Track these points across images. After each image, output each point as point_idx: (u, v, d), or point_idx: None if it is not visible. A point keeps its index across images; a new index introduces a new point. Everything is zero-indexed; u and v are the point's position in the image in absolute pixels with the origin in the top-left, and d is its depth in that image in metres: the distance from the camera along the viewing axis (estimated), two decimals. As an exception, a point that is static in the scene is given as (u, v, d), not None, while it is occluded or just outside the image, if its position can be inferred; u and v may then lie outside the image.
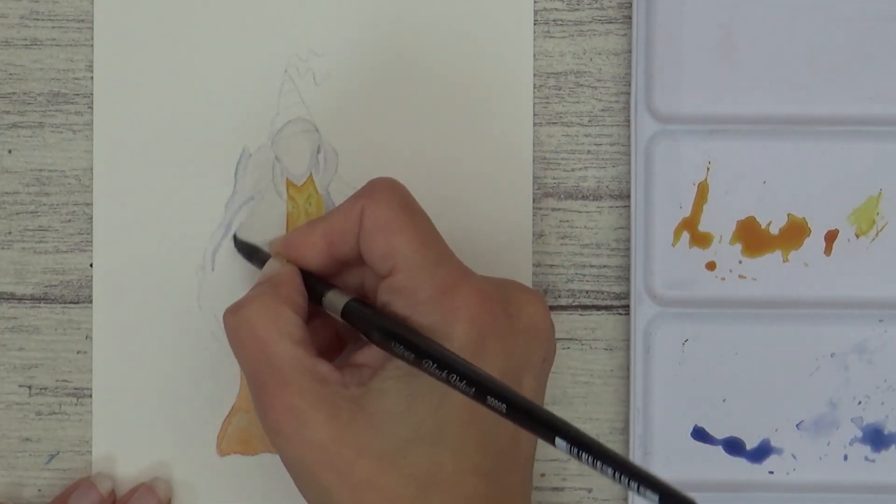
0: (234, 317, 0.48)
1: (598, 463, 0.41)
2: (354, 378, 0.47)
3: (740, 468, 0.56)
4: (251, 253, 0.55)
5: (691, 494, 0.40)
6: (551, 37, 0.56)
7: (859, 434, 0.56)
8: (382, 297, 0.48)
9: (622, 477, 0.41)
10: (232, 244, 0.56)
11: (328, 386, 0.47)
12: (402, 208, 0.48)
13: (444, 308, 0.47)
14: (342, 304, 0.49)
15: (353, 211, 0.49)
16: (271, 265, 0.51)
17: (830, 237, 0.56)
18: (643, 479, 0.40)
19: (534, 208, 0.56)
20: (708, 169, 0.56)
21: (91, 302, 0.56)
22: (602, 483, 0.56)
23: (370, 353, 0.48)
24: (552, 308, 0.56)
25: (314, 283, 0.50)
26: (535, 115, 0.56)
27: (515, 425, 0.44)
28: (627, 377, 0.56)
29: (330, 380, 0.47)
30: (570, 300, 0.56)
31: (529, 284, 0.56)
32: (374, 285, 0.49)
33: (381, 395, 0.47)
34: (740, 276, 0.56)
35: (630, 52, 0.56)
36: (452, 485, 0.46)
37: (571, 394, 0.56)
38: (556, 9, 0.56)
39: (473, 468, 0.46)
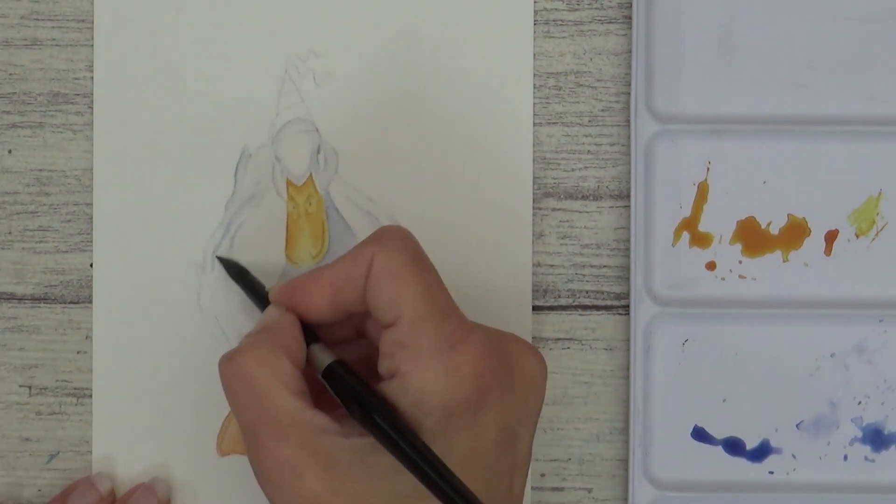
0: (230, 365, 0.48)
1: None
2: (356, 429, 0.47)
3: (740, 468, 0.56)
4: (239, 274, 0.54)
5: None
6: (551, 37, 0.56)
7: (859, 434, 0.56)
8: (385, 348, 0.48)
9: None
10: (217, 263, 0.55)
11: (327, 436, 0.46)
12: (412, 258, 0.48)
13: (448, 364, 0.47)
14: (324, 364, 0.48)
15: (363, 257, 0.48)
16: (270, 313, 0.50)
17: (830, 237, 0.56)
18: None
19: (534, 208, 0.56)
20: (708, 169, 0.56)
21: (91, 302, 0.56)
22: (602, 483, 0.56)
23: None
24: (552, 308, 0.56)
25: (306, 334, 0.50)
26: (535, 115, 0.56)
27: None
28: (627, 377, 0.56)
29: (328, 430, 0.47)
30: (570, 300, 0.56)
31: (529, 285, 0.56)
32: (375, 332, 0.49)
33: (381, 451, 0.46)
34: (740, 276, 0.56)
35: (630, 52, 0.56)
36: None
37: (571, 394, 0.56)
38: (556, 9, 0.56)
39: None
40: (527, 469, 0.50)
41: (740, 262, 0.56)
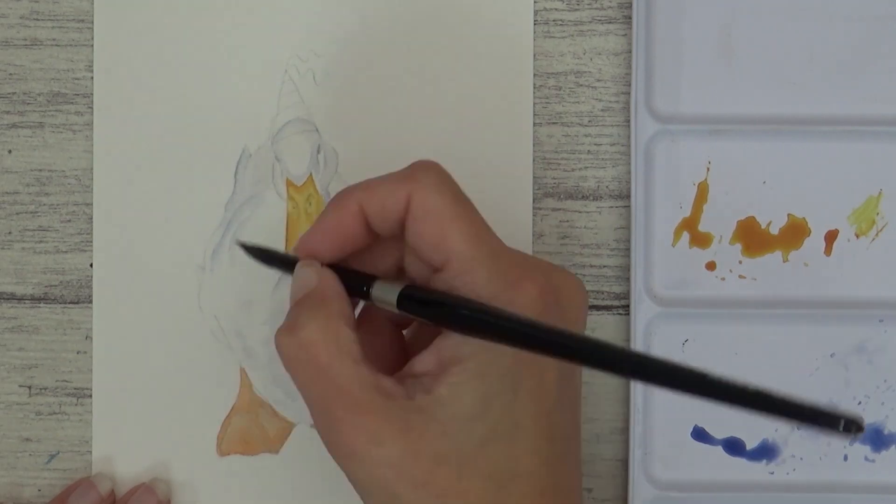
0: (291, 340, 0.46)
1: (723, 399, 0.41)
2: (417, 388, 0.46)
3: (740, 468, 0.56)
4: (268, 257, 0.51)
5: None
6: (551, 37, 0.56)
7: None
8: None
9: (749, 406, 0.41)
10: (242, 251, 0.53)
11: (395, 400, 0.46)
12: (452, 196, 0.47)
13: (510, 304, 0.46)
14: (395, 296, 0.47)
15: (398, 193, 0.47)
16: (304, 275, 0.48)
17: (830, 237, 0.56)
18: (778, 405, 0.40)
19: (534, 208, 0.56)
20: (708, 169, 0.56)
21: (91, 302, 0.56)
22: (602, 483, 0.56)
23: (427, 360, 0.47)
24: (552, 308, 0.56)
25: (353, 280, 0.48)
26: (535, 115, 0.56)
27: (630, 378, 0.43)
28: (627, 377, 0.56)
29: (395, 394, 0.46)
30: (570, 300, 0.56)
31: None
32: (418, 271, 0.48)
33: (452, 401, 0.45)
34: (740, 276, 0.56)
35: (630, 52, 0.56)
36: (528, 478, 0.46)
37: (571, 394, 0.56)
38: (556, 9, 0.56)
39: (545, 459, 0.46)
40: (581, 400, 0.50)
41: (740, 262, 0.56)
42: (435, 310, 0.46)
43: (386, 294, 0.47)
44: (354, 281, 0.48)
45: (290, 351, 0.47)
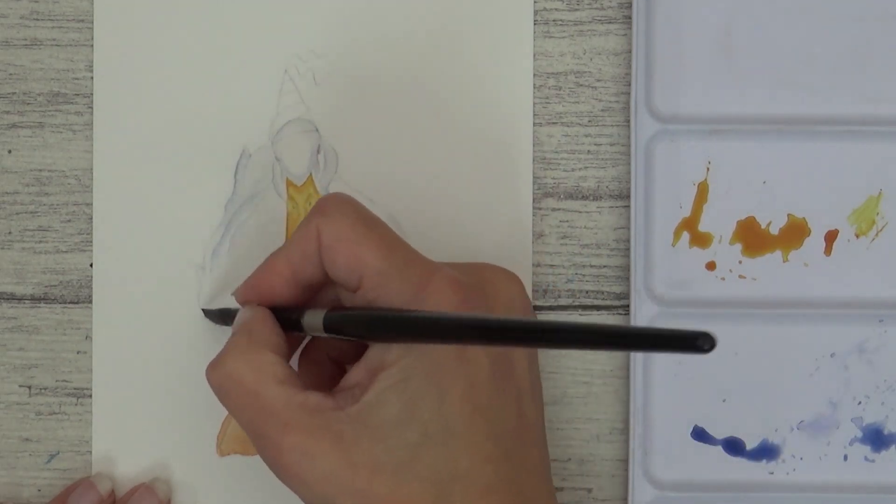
0: (216, 372, 0.48)
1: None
2: (348, 399, 0.47)
3: (740, 468, 0.56)
4: (224, 316, 0.54)
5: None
6: (551, 37, 0.56)
7: (859, 434, 0.56)
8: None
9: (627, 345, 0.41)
10: (204, 316, 0.56)
11: (324, 413, 0.47)
12: (357, 219, 0.48)
13: (422, 306, 0.47)
14: (321, 319, 0.48)
15: (309, 231, 0.48)
16: (240, 314, 0.50)
17: (830, 237, 0.56)
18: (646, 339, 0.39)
19: (534, 208, 0.56)
20: (708, 169, 0.56)
21: (91, 302, 0.56)
22: (602, 483, 0.56)
23: (358, 372, 0.48)
24: (552, 308, 0.56)
25: (289, 315, 0.50)
26: (535, 115, 0.56)
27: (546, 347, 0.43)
28: (627, 377, 0.56)
29: (324, 407, 0.47)
30: (570, 300, 0.56)
31: (530, 284, 0.56)
32: (349, 300, 0.49)
33: (379, 407, 0.46)
34: (740, 276, 0.56)
35: (630, 52, 0.56)
36: (471, 478, 0.46)
37: (571, 394, 0.56)
38: (556, 9, 0.56)
39: (487, 457, 0.46)
40: (537, 394, 0.50)
41: (740, 262, 0.56)
42: (354, 325, 0.47)
43: (314, 321, 0.49)
44: (290, 316, 0.50)
45: (217, 382, 0.48)
